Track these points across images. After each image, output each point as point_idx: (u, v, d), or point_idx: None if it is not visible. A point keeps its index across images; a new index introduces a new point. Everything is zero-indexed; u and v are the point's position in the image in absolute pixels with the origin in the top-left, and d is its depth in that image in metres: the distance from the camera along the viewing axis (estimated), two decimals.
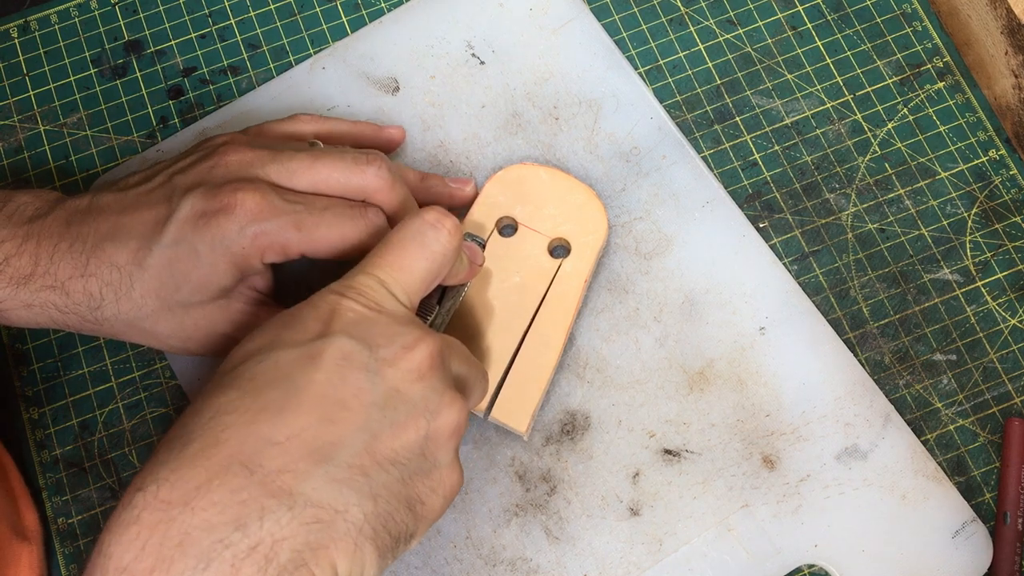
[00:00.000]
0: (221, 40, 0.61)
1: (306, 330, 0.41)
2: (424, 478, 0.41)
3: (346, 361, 0.40)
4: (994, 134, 0.58)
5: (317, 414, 0.39)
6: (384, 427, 0.40)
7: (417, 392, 0.41)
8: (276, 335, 0.42)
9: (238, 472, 0.37)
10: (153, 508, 0.37)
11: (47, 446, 0.53)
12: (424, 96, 0.58)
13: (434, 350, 0.42)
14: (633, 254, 0.55)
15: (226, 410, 0.39)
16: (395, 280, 0.44)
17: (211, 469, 0.37)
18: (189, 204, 0.46)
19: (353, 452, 0.39)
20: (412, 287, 0.45)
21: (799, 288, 0.55)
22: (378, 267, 0.44)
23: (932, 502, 0.51)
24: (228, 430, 0.38)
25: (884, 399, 0.52)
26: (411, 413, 0.41)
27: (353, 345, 0.41)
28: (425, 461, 0.41)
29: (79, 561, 0.51)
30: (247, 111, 0.58)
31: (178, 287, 0.47)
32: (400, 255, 0.44)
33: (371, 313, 0.42)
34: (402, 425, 0.40)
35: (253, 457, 0.38)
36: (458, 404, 0.42)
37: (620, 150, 0.57)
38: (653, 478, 0.51)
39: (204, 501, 0.37)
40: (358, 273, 0.44)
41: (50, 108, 0.59)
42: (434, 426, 0.41)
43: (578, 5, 0.60)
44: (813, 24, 0.60)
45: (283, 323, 0.42)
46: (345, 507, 0.38)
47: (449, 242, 0.45)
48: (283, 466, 0.38)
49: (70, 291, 0.47)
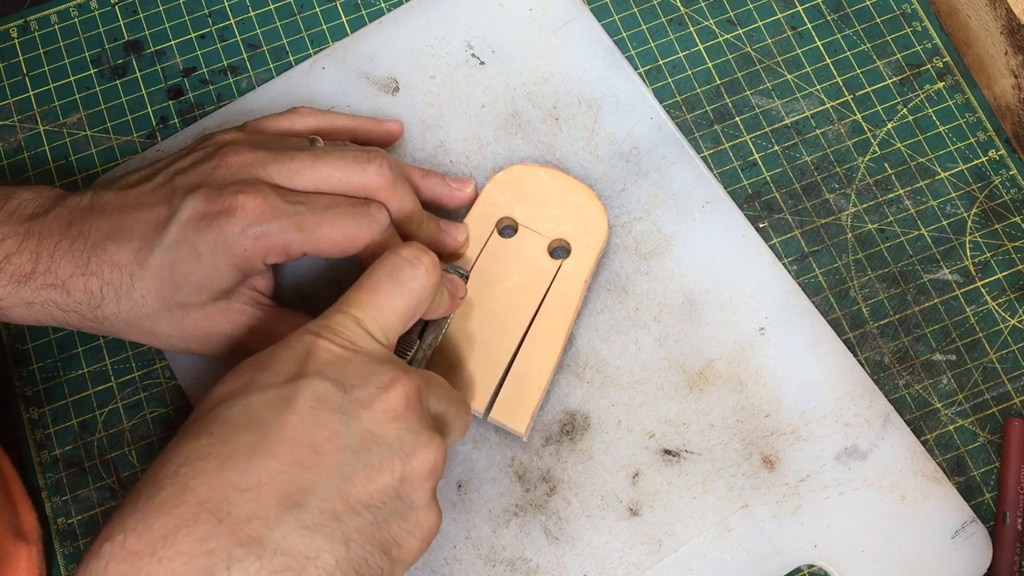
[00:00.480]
0: (221, 40, 0.61)
1: (281, 371, 0.41)
2: (400, 520, 0.41)
3: (320, 403, 0.40)
4: (994, 134, 0.58)
5: (289, 459, 0.39)
6: (358, 470, 0.40)
7: (392, 433, 0.41)
8: (251, 377, 0.41)
9: (206, 520, 0.37)
10: (120, 559, 0.36)
11: (47, 446, 0.53)
12: (424, 96, 0.58)
13: (410, 390, 0.42)
14: (633, 254, 0.55)
15: (197, 456, 0.38)
16: (372, 318, 0.43)
17: (179, 517, 0.37)
18: (190, 206, 0.46)
19: (325, 497, 0.39)
20: (389, 325, 0.44)
21: (799, 288, 0.55)
22: (354, 305, 0.44)
23: (932, 502, 0.51)
24: (198, 477, 0.38)
25: (884, 399, 0.52)
26: (386, 455, 0.40)
27: (327, 387, 0.40)
28: (401, 503, 0.41)
29: (79, 561, 0.51)
30: (247, 111, 0.58)
31: (179, 287, 0.47)
32: (376, 293, 0.44)
33: (347, 353, 0.42)
34: (376, 468, 0.40)
35: (222, 505, 0.37)
36: (435, 444, 0.42)
37: (620, 150, 0.57)
38: (653, 478, 0.51)
39: (171, 551, 0.36)
40: (334, 312, 0.43)
41: (50, 108, 0.59)
42: (409, 468, 0.41)
43: (578, 5, 0.60)
44: (813, 24, 0.60)
45: (258, 364, 0.42)
46: (316, 553, 0.38)
47: (426, 279, 0.45)
48: (252, 513, 0.37)
49: (71, 290, 0.47)
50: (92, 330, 0.49)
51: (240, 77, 0.60)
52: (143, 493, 0.38)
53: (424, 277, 0.45)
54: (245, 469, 0.38)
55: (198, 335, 0.49)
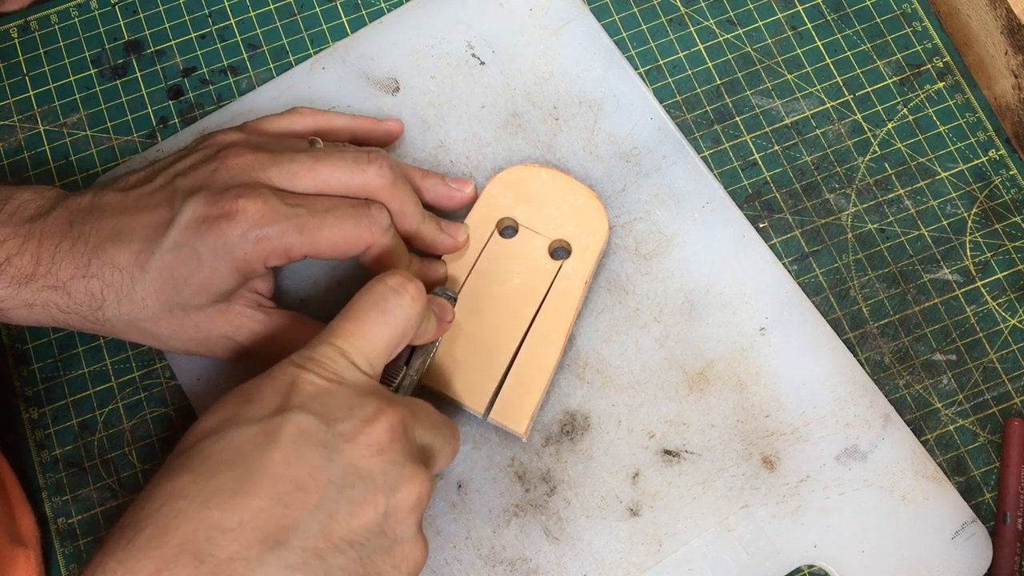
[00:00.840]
0: (221, 40, 0.61)
1: (264, 405, 0.41)
2: (385, 555, 0.40)
3: (303, 438, 0.39)
4: (994, 134, 0.58)
5: (271, 496, 0.38)
6: (341, 506, 0.39)
7: (376, 467, 0.40)
8: (235, 411, 0.41)
9: (187, 563, 0.37)
10: None
11: (47, 446, 0.53)
12: (424, 96, 0.58)
13: (395, 422, 0.41)
14: (633, 254, 0.55)
15: (179, 495, 0.38)
16: (356, 349, 0.43)
17: (160, 560, 0.37)
18: (191, 209, 0.46)
19: (308, 535, 0.38)
20: (374, 355, 0.44)
21: (799, 289, 0.54)
22: (339, 336, 0.43)
23: (932, 503, 0.51)
24: (179, 517, 0.38)
25: (884, 400, 0.52)
26: (369, 490, 0.40)
27: (311, 421, 0.40)
28: (385, 538, 0.40)
29: (79, 561, 0.51)
30: (247, 111, 0.58)
31: (179, 290, 0.47)
32: (361, 323, 0.44)
33: (331, 385, 0.42)
34: (360, 503, 0.40)
35: (203, 546, 0.37)
36: (419, 477, 0.41)
37: (620, 150, 0.57)
38: (653, 478, 0.51)
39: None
40: (319, 343, 0.43)
41: (50, 108, 0.59)
42: (394, 502, 0.40)
43: (578, 5, 0.60)
44: (813, 24, 0.60)
45: (242, 397, 0.41)
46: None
47: (412, 307, 0.45)
48: (234, 554, 0.37)
49: (71, 291, 0.47)
50: (93, 331, 0.49)
51: (240, 77, 0.60)
52: (125, 534, 0.38)
53: (409, 305, 0.45)
54: (227, 508, 0.38)
55: (199, 337, 0.49)
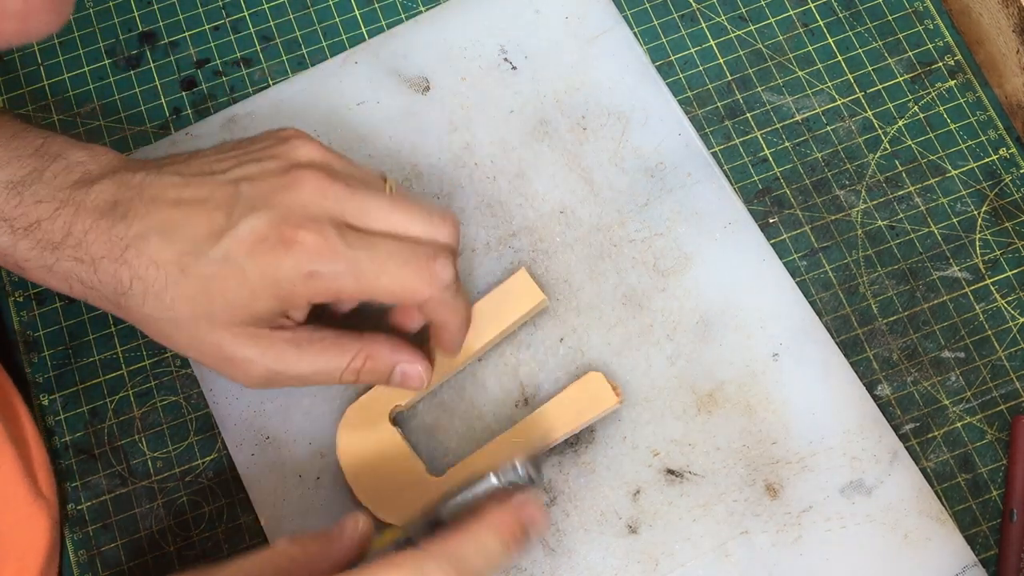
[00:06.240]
0: (235, 32, 0.61)
1: None
2: None
3: None
4: (1004, 132, 0.58)
5: None
6: None
7: None
8: None
9: None
10: None
11: (57, 432, 0.54)
12: (454, 97, 0.58)
13: None
14: (651, 270, 0.55)
15: None
16: None
17: None
18: (250, 226, 0.44)
19: None
20: None
21: (815, 317, 0.54)
22: None
23: (934, 543, 0.50)
24: None
25: (893, 435, 0.52)
26: None
27: None
28: None
29: (88, 547, 0.52)
30: (280, 99, 0.58)
31: (212, 301, 0.45)
32: None
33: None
34: None
35: None
36: None
37: (646, 164, 0.57)
38: (654, 497, 0.51)
39: None
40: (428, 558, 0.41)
41: (63, 98, 0.60)
42: None
43: (614, 16, 0.60)
44: (824, 21, 0.60)
45: None
46: None
47: None
48: None
49: (99, 270, 0.45)
50: (111, 312, 0.48)
51: (253, 69, 0.60)
52: None
53: None
54: None
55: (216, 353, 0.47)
